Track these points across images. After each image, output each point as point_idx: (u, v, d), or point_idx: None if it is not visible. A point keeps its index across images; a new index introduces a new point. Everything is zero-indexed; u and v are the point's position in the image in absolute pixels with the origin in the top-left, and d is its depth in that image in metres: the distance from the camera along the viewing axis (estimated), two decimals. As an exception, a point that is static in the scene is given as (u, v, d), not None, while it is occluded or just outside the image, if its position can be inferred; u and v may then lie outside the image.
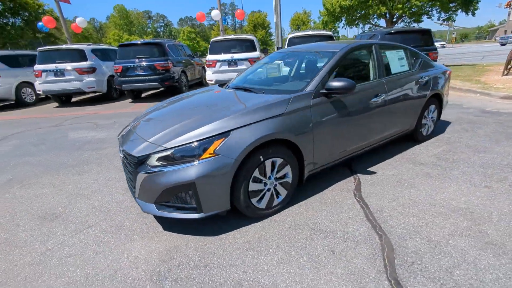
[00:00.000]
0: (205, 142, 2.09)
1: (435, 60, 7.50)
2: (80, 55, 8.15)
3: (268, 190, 2.42)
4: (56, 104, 9.20)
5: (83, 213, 2.71)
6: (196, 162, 2.05)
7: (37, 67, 8.11)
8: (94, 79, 8.22)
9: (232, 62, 8.08)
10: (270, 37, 27.38)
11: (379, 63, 3.24)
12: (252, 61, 8.01)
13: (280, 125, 2.33)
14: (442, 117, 5.10)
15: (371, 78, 3.19)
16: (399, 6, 14.20)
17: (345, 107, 2.79)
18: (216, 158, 2.07)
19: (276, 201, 2.49)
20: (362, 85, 3.01)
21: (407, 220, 2.31)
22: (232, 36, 8.45)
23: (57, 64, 8.02)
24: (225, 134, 2.13)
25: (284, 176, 2.49)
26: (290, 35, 8.43)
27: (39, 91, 8.30)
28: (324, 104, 2.64)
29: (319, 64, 2.94)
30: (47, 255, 2.16)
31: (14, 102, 8.99)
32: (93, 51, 8.65)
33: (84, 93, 8.55)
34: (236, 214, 2.43)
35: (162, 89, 9.08)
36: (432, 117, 4.03)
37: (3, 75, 8.33)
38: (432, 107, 3.96)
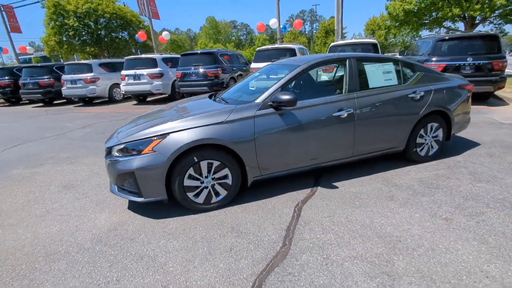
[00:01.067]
0: (147, 141, 2.52)
1: (502, 70, 6.21)
2: (153, 63, 9.73)
3: (206, 188, 2.70)
4: (135, 102, 11.18)
5: (89, 188, 3.49)
6: (138, 156, 2.50)
7: (123, 72, 10.04)
8: (161, 82, 9.69)
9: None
10: None
11: (352, 77, 3.11)
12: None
13: (217, 132, 2.59)
14: (475, 137, 4.36)
15: (339, 92, 3.11)
16: (477, 7, 11.81)
17: (298, 119, 2.83)
18: (153, 154, 2.48)
19: (214, 199, 2.75)
20: (322, 99, 2.98)
21: (323, 236, 2.27)
22: (276, 46, 8.60)
23: (135, 70, 9.77)
24: (163, 135, 2.52)
25: (225, 177, 2.73)
26: (332, 44, 8.20)
27: (123, 91, 10.28)
28: (271, 115, 2.76)
29: (279, 77, 3.04)
30: (49, 212, 2.95)
31: (107, 99, 11.29)
32: (164, 59, 10.18)
33: (153, 94, 10.13)
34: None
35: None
36: (434, 137, 3.55)
37: (102, 78, 10.60)
38: (434, 125, 3.49)
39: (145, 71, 9.64)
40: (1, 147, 5.67)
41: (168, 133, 2.53)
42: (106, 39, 18.57)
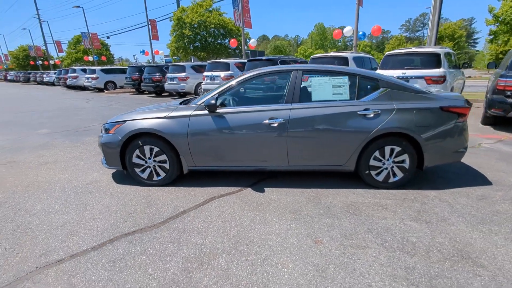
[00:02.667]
0: (113, 124, 3.35)
1: None
2: (226, 66, 11.16)
3: (149, 167, 3.33)
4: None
5: (95, 152, 4.66)
6: (106, 135, 3.37)
7: (204, 73, 11.78)
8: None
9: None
10: (460, 50, 21.25)
11: (292, 89, 3.09)
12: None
13: (158, 124, 3.18)
14: (495, 176, 3.37)
15: (279, 102, 3.13)
16: None
17: (229, 122, 3.10)
18: (113, 135, 3.29)
19: (155, 177, 3.36)
20: (256, 107, 3.11)
21: (195, 225, 2.54)
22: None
23: (212, 72, 11.37)
24: (123, 122, 3.30)
25: (164, 162, 3.29)
26: (387, 53, 7.21)
27: (203, 89, 12.11)
28: (204, 116, 3.14)
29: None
30: (55, 164, 4.22)
31: (193, 94, 13.41)
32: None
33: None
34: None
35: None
36: (397, 162, 3.04)
37: (191, 77, 12.71)
38: (395, 149, 2.99)
39: (220, 73, 11.04)
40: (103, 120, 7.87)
41: (126, 121, 3.30)
42: (211, 46, 21.86)
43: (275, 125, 3.04)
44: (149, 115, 3.26)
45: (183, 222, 2.59)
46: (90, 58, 29.85)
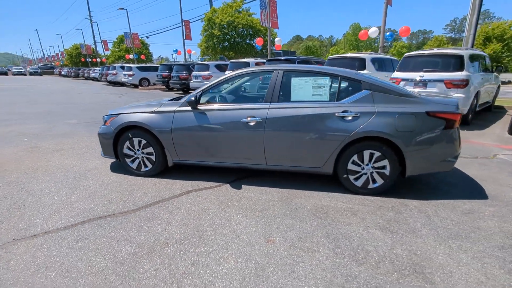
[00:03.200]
0: (109, 116, 3.60)
1: None
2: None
3: (137, 158, 3.52)
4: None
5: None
6: (102, 126, 3.63)
7: (226, 72, 12.03)
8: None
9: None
10: (510, 52, 18.92)
11: (273, 88, 3.06)
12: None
13: (145, 119, 3.36)
14: (495, 188, 3.05)
15: (256, 101, 3.14)
16: None
17: (209, 119, 3.17)
18: (108, 126, 3.54)
19: (143, 168, 3.54)
20: (236, 105, 3.14)
21: (157, 213, 2.66)
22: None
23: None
24: (117, 115, 3.53)
25: (150, 154, 3.46)
26: (406, 55, 6.71)
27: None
28: (187, 112, 3.25)
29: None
30: (68, 151, 4.59)
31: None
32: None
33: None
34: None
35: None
36: (377, 168, 2.87)
37: (214, 76, 13.02)
38: (375, 154, 2.84)
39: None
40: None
41: (119, 114, 3.52)
42: (239, 45, 22.17)
43: (253, 123, 3.05)
44: (139, 110, 3.46)
45: (152, 211, 2.72)
46: (131, 56, 31.93)
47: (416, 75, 6.22)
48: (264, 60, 11.21)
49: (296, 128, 2.97)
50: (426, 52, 6.36)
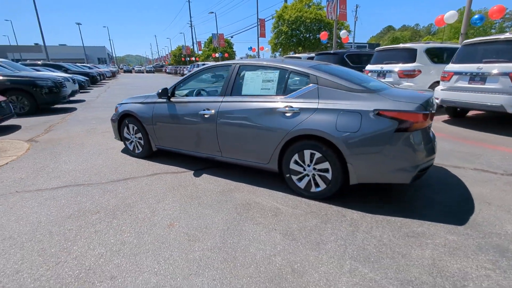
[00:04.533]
0: (118, 105, 4.26)
1: None
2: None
3: (132, 142, 4.08)
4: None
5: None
6: (114, 112, 4.33)
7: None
8: None
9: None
10: None
11: (228, 82, 3.05)
12: (401, 74, 6.34)
13: (135, 109, 3.86)
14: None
15: (213, 94, 3.19)
16: None
17: (177, 110, 3.42)
18: (115, 114, 4.21)
19: (137, 151, 4.08)
20: (197, 98, 3.27)
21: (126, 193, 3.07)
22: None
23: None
24: (120, 105, 4.16)
25: (140, 139, 3.96)
26: (464, 41, 5.15)
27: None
28: (163, 104, 3.58)
29: None
30: (109, 133, 5.55)
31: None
32: (309, 58, 11.16)
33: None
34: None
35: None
36: (319, 171, 2.54)
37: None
38: (315, 155, 2.51)
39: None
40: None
41: (122, 104, 4.14)
42: (308, 40, 21.38)
43: (207, 116, 3.14)
44: (135, 101, 3.99)
45: (114, 185, 3.17)
46: (217, 55, 35.07)
47: (473, 67, 4.92)
48: (313, 55, 10.68)
49: (243, 122, 2.92)
50: (491, 38, 4.92)
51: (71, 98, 11.20)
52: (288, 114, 2.63)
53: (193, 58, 46.23)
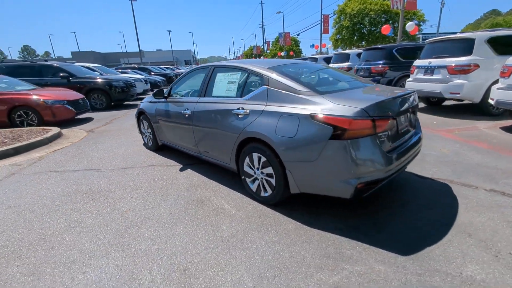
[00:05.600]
0: (139, 104, 4.83)
1: None
2: (346, 57, 10.05)
3: (146, 136, 4.57)
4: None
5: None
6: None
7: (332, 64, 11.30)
8: None
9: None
10: None
11: (204, 84, 3.14)
12: (452, 70, 5.18)
13: (145, 106, 4.32)
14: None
15: (194, 95, 3.32)
16: None
17: (170, 109, 3.70)
18: (136, 110, 4.78)
19: (149, 144, 4.55)
20: (183, 98, 3.46)
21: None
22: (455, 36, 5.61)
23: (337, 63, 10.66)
24: (142, 102, 4.70)
25: (151, 134, 4.40)
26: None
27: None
28: (161, 103, 3.90)
29: None
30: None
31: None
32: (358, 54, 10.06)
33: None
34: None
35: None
36: (268, 175, 2.40)
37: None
38: (261, 159, 2.38)
39: (336, 65, 10.30)
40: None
41: (142, 102, 4.67)
42: (372, 34, 19.08)
43: (186, 115, 3.31)
44: (147, 99, 4.45)
45: (113, 173, 3.64)
46: (282, 54, 35.13)
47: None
48: (359, 51, 9.64)
49: (209, 123, 2.98)
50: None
51: (143, 96, 13.02)
52: (240, 116, 2.58)
53: (262, 57, 47.58)
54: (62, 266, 1.91)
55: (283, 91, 2.35)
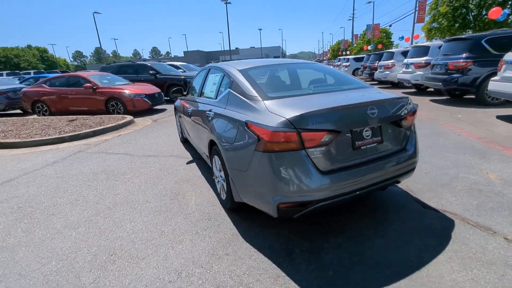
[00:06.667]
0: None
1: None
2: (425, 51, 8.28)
3: (179, 128, 5.00)
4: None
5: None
6: (178, 105, 5.44)
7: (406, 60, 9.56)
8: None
9: None
10: None
11: (201, 84, 3.24)
12: None
13: (177, 102, 4.71)
14: None
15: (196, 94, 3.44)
16: None
17: (182, 107, 3.95)
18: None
19: (180, 136, 4.97)
20: (190, 97, 3.60)
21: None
22: None
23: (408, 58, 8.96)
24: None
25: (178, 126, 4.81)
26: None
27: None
28: (182, 100, 4.19)
29: None
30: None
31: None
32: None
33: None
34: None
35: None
36: (223, 178, 2.29)
37: (398, 65, 10.69)
38: (219, 163, 2.30)
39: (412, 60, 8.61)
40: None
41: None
42: (480, 19, 14.38)
43: (189, 113, 3.48)
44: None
45: (140, 158, 4.18)
46: (369, 47, 31.61)
47: None
48: (441, 43, 7.60)
49: (197, 122, 3.07)
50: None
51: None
52: (209, 118, 2.56)
53: (348, 52, 44.07)
54: (50, 228, 2.38)
55: (238, 95, 2.21)
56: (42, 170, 3.88)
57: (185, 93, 4.09)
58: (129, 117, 7.30)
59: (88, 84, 8.41)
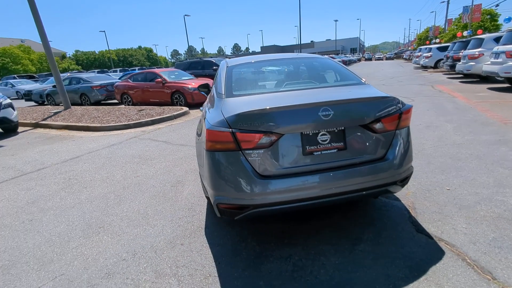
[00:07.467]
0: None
1: None
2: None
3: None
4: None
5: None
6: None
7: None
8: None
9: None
10: None
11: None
12: None
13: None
14: None
15: None
16: None
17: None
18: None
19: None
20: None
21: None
22: None
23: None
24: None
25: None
26: None
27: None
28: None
29: None
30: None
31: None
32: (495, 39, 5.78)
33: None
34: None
35: None
36: None
37: (487, 54, 8.42)
38: None
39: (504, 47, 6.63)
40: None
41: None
42: None
43: (204, 108, 3.61)
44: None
45: (172, 146, 4.59)
46: (465, 33, 25.74)
47: None
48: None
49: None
50: None
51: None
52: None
53: (437, 40, 37.10)
54: (77, 199, 2.91)
55: (214, 92, 2.20)
56: (101, 151, 4.69)
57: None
58: (184, 109, 8.03)
59: (158, 79, 9.58)
